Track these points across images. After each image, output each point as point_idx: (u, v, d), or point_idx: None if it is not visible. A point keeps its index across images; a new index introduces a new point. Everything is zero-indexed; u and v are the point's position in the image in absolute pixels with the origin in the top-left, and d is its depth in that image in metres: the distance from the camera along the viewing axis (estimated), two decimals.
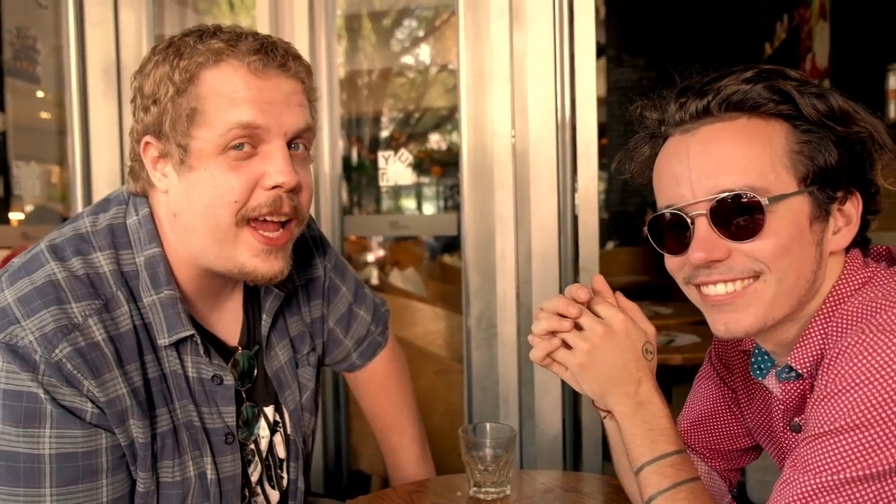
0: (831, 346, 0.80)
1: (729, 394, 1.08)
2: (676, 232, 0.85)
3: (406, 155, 2.02)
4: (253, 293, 1.10)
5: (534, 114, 1.76)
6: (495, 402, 1.84)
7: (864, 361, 0.72)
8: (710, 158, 0.83)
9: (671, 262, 0.89)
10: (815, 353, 0.84)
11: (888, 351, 0.71)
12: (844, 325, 0.81)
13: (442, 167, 9.12)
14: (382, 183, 1.99)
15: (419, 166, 8.67)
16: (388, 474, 1.38)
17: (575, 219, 1.77)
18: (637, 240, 6.59)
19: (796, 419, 0.89)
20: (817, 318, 0.85)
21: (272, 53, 0.94)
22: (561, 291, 1.79)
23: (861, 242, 0.88)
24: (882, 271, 0.85)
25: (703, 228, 0.83)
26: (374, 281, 4.11)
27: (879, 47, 3.64)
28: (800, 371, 0.85)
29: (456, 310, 2.66)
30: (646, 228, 0.89)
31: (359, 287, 1.29)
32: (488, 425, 1.26)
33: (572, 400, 1.81)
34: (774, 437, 0.97)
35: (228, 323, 1.07)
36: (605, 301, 0.91)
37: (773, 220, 0.80)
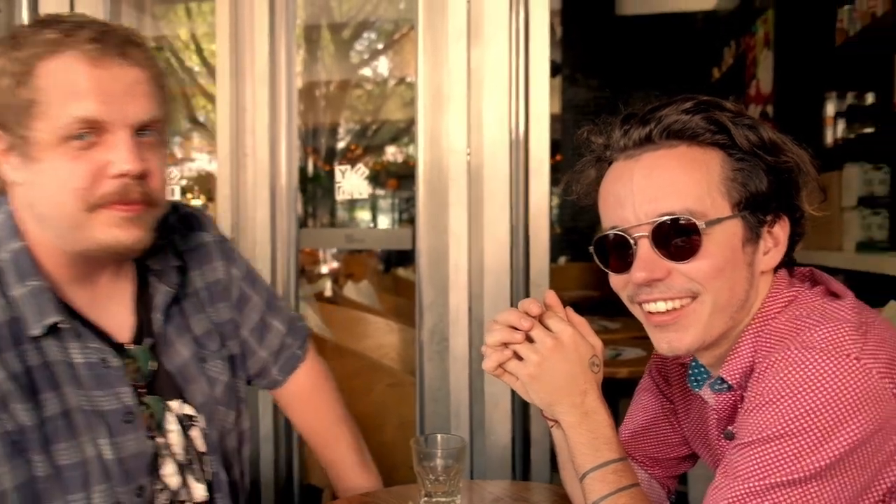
0: (760, 360, 0.86)
1: (667, 405, 1.13)
2: (620, 251, 0.91)
3: (363, 169, 2.04)
4: (144, 289, 1.11)
5: (489, 131, 1.81)
6: (447, 414, 1.87)
7: (790, 376, 0.78)
8: (652, 184, 0.88)
9: (615, 281, 0.94)
10: (744, 366, 0.90)
11: (810, 366, 0.77)
12: (772, 342, 0.87)
13: (398, 180, 9.14)
14: (339, 196, 2.01)
15: (375, 178, 8.67)
16: (334, 488, 1.39)
17: (527, 235, 1.82)
18: (588, 255, 6.70)
19: (729, 427, 0.95)
20: (747, 334, 0.91)
21: (110, 42, 0.93)
22: (512, 306, 1.84)
23: (787, 263, 0.94)
24: (805, 291, 0.91)
25: (644, 249, 0.88)
26: (328, 293, 4.10)
27: (818, 76, 3.80)
28: (731, 383, 0.91)
29: (409, 323, 2.68)
30: (591, 248, 0.95)
31: (272, 298, 1.30)
32: (439, 436, 1.28)
33: (521, 412, 1.85)
34: (710, 444, 1.03)
35: (119, 318, 1.08)
36: (555, 315, 0.95)
37: (708, 243, 0.86)
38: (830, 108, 3.63)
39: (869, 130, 3.37)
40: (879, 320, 0.85)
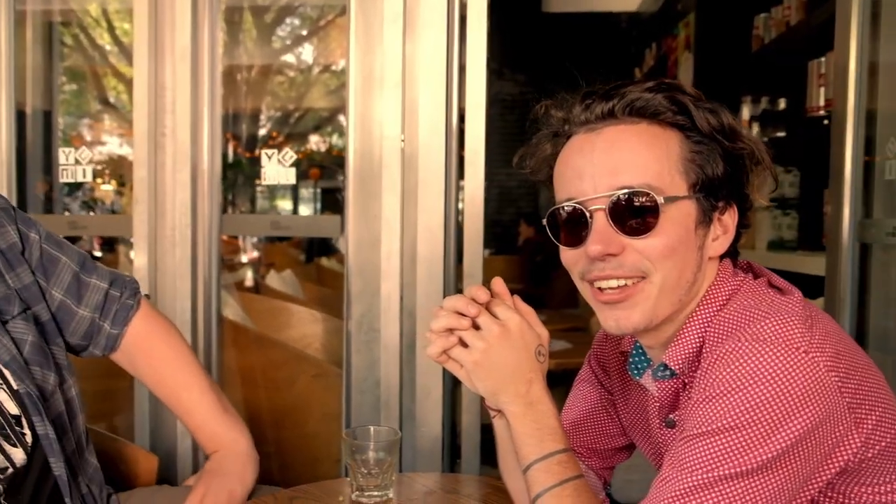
0: (709, 351, 0.86)
1: (606, 395, 1.13)
2: (574, 225, 0.90)
3: (290, 154, 1.97)
4: None
5: (424, 118, 1.77)
6: (375, 405, 1.83)
7: (739, 368, 0.78)
8: (612, 157, 0.88)
9: (567, 255, 0.93)
10: (688, 352, 0.90)
11: (760, 359, 0.78)
12: (721, 332, 0.87)
13: (321, 169, 8.98)
14: (264, 181, 1.94)
15: (297, 168, 8.49)
16: (195, 439, 1.33)
17: (459, 224, 1.80)
18: (512, 248, 6.79)
19: (671, 415, 0.95)
20: (693, 320, 0.91)
21: None
22: (445, 295, 1.83)
23: (731, 253, 0.95)
24: (749, 281, 0.92)
25: (600, 222, 0.88)
26: (249, 283, 3.98)
27: (735, 80, 3.93)
28: (674, 369, 0.92)
29: (333, 313, 2.63)
30: (545, 220, 0.94)
31: (86, 259, 1.27)
32: (371, 428, 1.25)
33: (452, 403, 1.83)
34: (650, 434, 1.03)
35: None
36: (503, 303, 0.92)
37: (664, 220, 0.87)
38: (746, 112, 3.76)
39: (781, 134, 3.51)
40: (822, 314, 0.87)
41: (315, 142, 8.94)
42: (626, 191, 0.86)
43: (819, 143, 2.79)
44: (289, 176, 1.97)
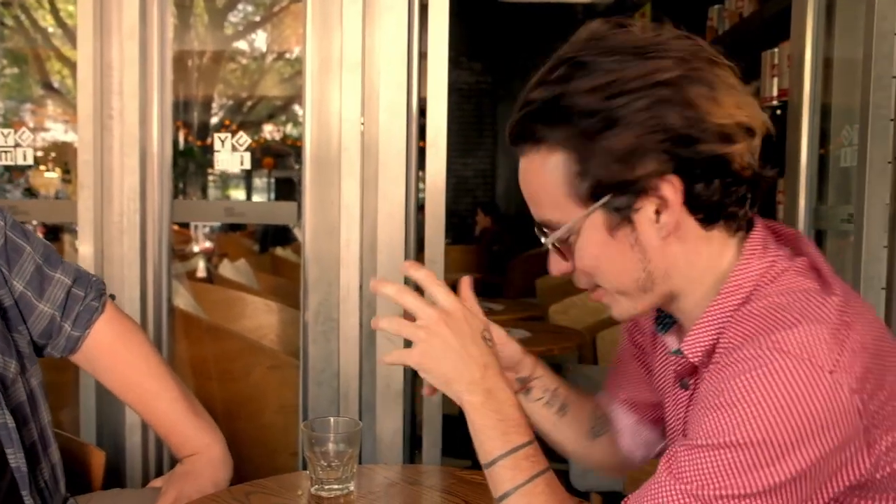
0: (726, 350, 0.78)
1: (638, 352, 1.08)
2: None
3: (244, 138, 1.91)
4: None
5: (384, 102, 1.73)
6: (332, 397, 1.79)
7: (757, 380, 0.71)
8: (525, 189, 0.86)
9: None
10: (706, 345, 0.83)
11: (781, 374, 0.70)
12: (743, 332, 0.78)
13: (274, 159, 8.84)
14: (217, 167, 1.87)
15: (251, 156, 8.34)
16: (166, 445, 1.28)
17: (420, 212, 1.76)
18: (469, 238, 6.78)
19: (685, 379, 0.90)
20: (711, 311, 0.82)
21: None
22: (406, 282, 1.79)
23: (739, 223, 0.83)
24: (783, 262, 0.82)
25: (548, 247, 0.86)
26: (202, 273, 3.88)
27: None
28: (693, 361, 0.84)
29: (289, 303, 2.58)
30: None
31: (51, 252, 1.20)
32: (332, 419, 1.21)
33: (412, 393, 1.80)
34: (669, 392, 0.97)
35: None
36: (438, 286, 0.87)
37: (577, 244, 0.83)
38: None
39: None
40: (863, 313, 0.78)
41: (269, 131, 8.79)
42: (542, 225, 0.85)
43: (772, 134, 2.84)
44: (243, 161, 1.90)
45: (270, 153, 8.72)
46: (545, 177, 0.81)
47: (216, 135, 1.90)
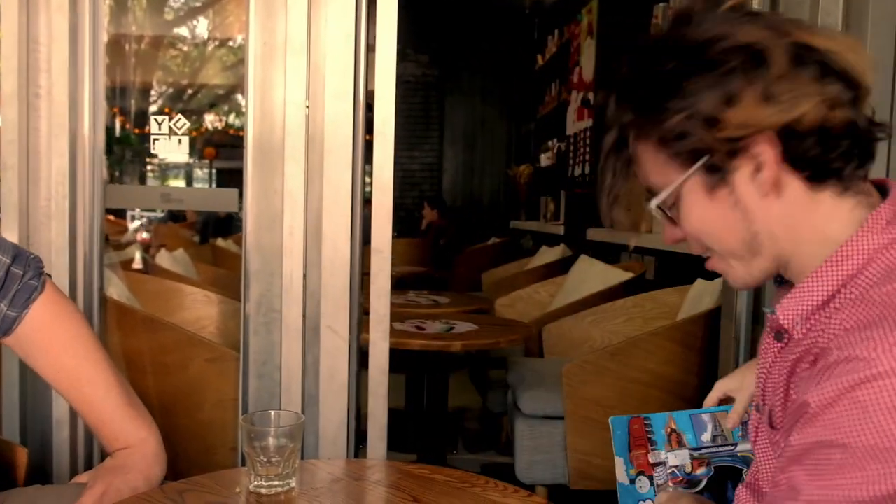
0: (835, 333, 0.74)
1: None
2: None
3: (183, 121, 1.82)
4: None
5: (330, 86, 1.67)
6: (274, 390, 1.73)
7: (872, 384, 0.67)
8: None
9: None
10: (800, 310, 0.81)
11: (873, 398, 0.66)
12: (858, 318, 0.73)
13: (216, 149, 8.63)
14: (154, 150, 1.78)
15: (191, 146, 8.13)
16: (97, 437, 1.20)
17: (367, 204, 1.71)
18: (416, 232, 6.74)
19: (781, 332, 0.87)
20: (814, 277, 0.79)
21: None
22: (351, 274, 1.74)
23: (828, 172, 0.79)
24: None
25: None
26: (138, 264, 3.74)
27: None
28: (782, 322, 0.83)
29: (230, 294, 2.50)
30: None
31: None
32: (272, 413, 1.16)
33: (357, 386, 1.75)
34: (764, 338, 0.93)
35: None
36: None
37: (680, 213, 0.85)
38: None
39: None
40: None
41: (210, 120, 8.57)
42: (649, 189, 0.87)
43: None
44: (181, 144, 1.82)
45: (212, 143, 8.51)
46: (646, 140, 0.83)
47: (153, 117, 1.82)
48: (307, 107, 1.67)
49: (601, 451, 1.98)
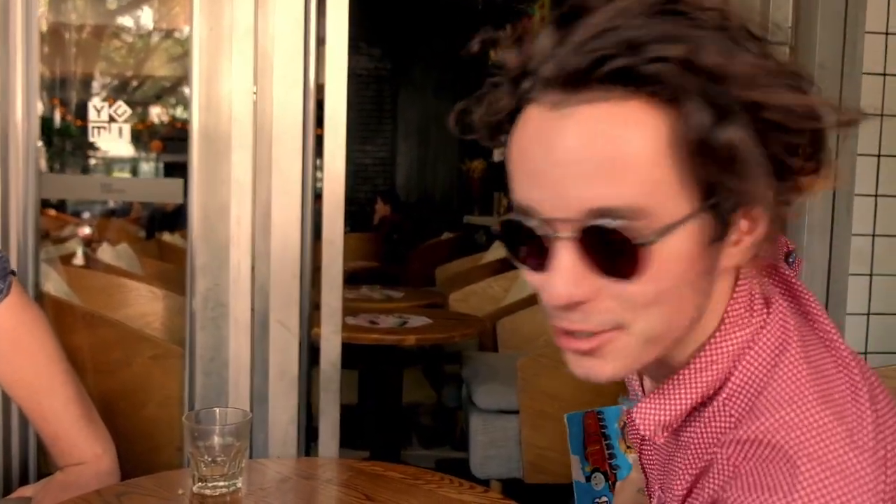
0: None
1: None
2: (535, 246, 0.60)
3: (124, 108, 1.75)
4: None
5: (279, 71, 1.62)
6: (221, 387, 1.67)
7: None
8: (587, 159, 0.56)
9: (531, 279, 0.63)
10: (661, 421, 0.65)
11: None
12: (727, 477, 0.58)
13: (163, 142, 8.42)
14: (92, 138, 1.71)
15: (137, 139, 7.92)
16: (49, 450, 1.15)
17: (319, 199, 1.67)
18: (368, 227, 6.67)
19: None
20: (677, 383, 0.64)
21: None
22: (302, 266, 1.69)
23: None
24: (773, 328, 0.62)
25: (566, 258, 0.57)
26: (79, 260, 3.60)
27: None
28: (642, 432, 0.66)
29: (175, 289, 2.42)
30: (498, 227, 0.65)
31: None
32: (217, 410, 1.11)
33: (308, 381, 1.71)
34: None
35: None
36: None
37: (658, 258, 0.56)
38: None
39: None
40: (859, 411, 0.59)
41: (157, 114, 8.37)
42: (602, 220, 0.55)
43: None
44: (122, 133, 1.75)
45: (159, 136, 8.31)
46: (637, 141, 0.55)
47: (92, 104, 1.74)
48: (255, 94, 1.62)
49: (556, 445, 1.97)
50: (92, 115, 1.74)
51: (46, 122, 4.31)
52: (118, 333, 1.98)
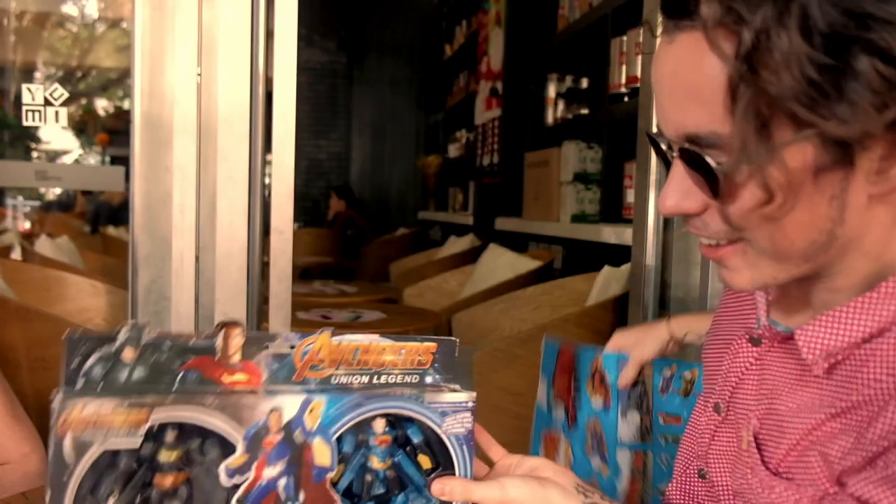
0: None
1: None
2: (665, 160, 0.66)
3: (60, 90, 1.66)
4: None
5: (224, 51, 1.56)
6: None
7: None
8: (679, 85, 0.60)
9: None
10: (834, 346, 0.63)
11: None
12: None
13: (109, 135, 8.20)
14: (27, 122, 1.62)
15: (82, 132, 7.70)
16: None
17: (265, 179, 1.61)
18: (322, 222, 6.59)
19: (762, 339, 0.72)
20: (859, 306, 0.62)
21: None
22: (249, 254, 1.63)
23: None
24: None
25: (678, 170, 0.62)
26: (17, 255, 3.46)
27: (543, 57, 4.03)
28: (806, 356, 0.64)
29: (118, 284, 2.33)
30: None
31: None
32: None
33: None
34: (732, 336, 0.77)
35: None
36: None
37: (748, 182, 0.58)
38: (552, 89, 3.87)
39: (585, 112, 3.65)
40: None
41: (104, 106, 8.14)
42: (691, 145, 0.59)
43: (620, 120, 2.92)
44: (58, 117, 1.66)
45: (105, 129, 8.08)
46: (718, 69, 0.56)
47: (25, 85, 1.65)
48: (199, 76, 1.55)
49: (511, 439, 1.96)
50: (25, 97, 1.65)
51: None
52: (55, 329, 1.89)
